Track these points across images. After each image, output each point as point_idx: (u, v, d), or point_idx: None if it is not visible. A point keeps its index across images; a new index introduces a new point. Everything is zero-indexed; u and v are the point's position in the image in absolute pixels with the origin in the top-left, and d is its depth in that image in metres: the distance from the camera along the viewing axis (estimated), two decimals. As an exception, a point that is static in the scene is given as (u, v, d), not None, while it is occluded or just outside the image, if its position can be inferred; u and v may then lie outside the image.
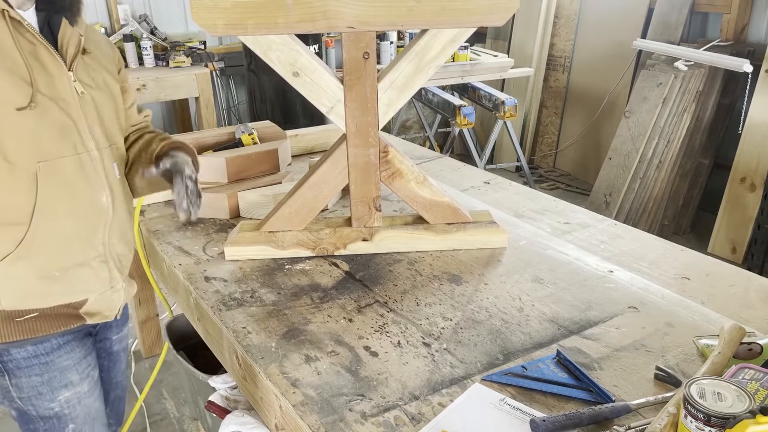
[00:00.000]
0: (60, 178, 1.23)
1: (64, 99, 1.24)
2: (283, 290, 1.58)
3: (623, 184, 4.06)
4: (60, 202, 1.24)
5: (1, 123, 1.15)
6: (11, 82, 1.15)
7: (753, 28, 3.90)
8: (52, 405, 1.36)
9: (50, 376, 1.35)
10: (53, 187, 1.22)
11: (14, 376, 1.32)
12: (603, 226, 1.97)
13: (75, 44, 1.28)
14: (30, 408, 1.36)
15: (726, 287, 1.61)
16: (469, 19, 1.57)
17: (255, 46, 1.59)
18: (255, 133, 2.39)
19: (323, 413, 1.15)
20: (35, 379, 1.34)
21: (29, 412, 1.37)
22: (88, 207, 1.30)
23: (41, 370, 1.34)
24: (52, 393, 1.36)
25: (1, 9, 1.14)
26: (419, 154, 2.69)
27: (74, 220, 1.28)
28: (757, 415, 0.89)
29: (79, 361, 1.40)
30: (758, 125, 3.61)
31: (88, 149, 1.28)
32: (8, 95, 1.15)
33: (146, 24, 4.44)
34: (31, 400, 1.35)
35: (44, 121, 1.20)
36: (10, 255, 1.21)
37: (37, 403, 1.35)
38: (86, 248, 1.31)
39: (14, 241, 1.21)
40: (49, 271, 1.27)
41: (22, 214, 1.21)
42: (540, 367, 1.25)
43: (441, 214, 1.79)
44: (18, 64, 1.16)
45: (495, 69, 4.56)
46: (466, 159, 3.75)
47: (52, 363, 1.35)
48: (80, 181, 1.27)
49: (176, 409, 2.57)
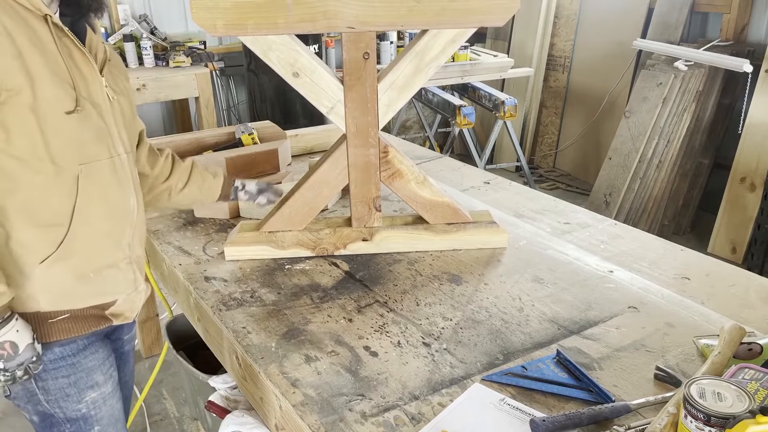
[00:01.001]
0: (97, 180, 1.27)
1: (99, 104, 1.27)
2: (283, 290, 1.58)
3: (623, 184, 4.06)
4: (96, 204, 1.28)
5: (52, 126, 1.17)
6: (60, 86, 1.18)
7: (753, 28, 3.90)
8: (80, 406, 1.36)
9: (77, 377, 1.35)
10: (91, 189, 1.26)
11: (41, 379, 1.31)
12: (603, 226, 1.97)
13: (102, 50, 1.32)
14: (57, 410, 1.35)
15: (726, 287, 1.61)
16: (469, 19, 1.57)
17: (255, 47, 1.59)
18: (255, 133, 2.39)
19: (323, 413, 1.15)
20: (62, 381, 1.33)
21: (56, 415, 1.36)
22: (120, 209, 1.34)
23: (68, 372, 1.34)
24: (79, 394, 1.36)
25: (45, 14, 1.17)
26: (419, 154, 2.69)
27: (108, 222, 1.31)
28: (757, 415, 0.89)
29: (103, 361, 1.40)
30: (758, 125, 3.61)
31: (119, 153, 1.32)
32: (58, 99, 1.18)
33: (146, 24, 4.44)
34: (58, 402, 1.34)
35: (86, 124, 1.23)
36: (51, 256, 1.24)
37: (64, 405, 1.35)
38: (116, 250, 1.34)
39: (54, 242, 1.23)
40: (84, 272, 1.29)
41: (62, 215, 1.23)
42: (540, 367, 1.25)
43: (441, 214, 1.79)
44: (62, 68, 1.19)
45: (495, 69, 4.56)
46: (466, 159, 3.75)
47: (79, 364, 1.35)
48: (114, 183, 1.31)
49: (176, 409, 2.57)
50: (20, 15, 1.14)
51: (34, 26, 1.16)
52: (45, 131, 1.17)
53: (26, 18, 1.15)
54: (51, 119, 1.17)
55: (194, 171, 1.69)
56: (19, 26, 1.13)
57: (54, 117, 1.18)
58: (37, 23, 1.16)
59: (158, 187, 1.62)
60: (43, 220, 1.22)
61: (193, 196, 1.70)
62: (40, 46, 1.16)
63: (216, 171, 1.75)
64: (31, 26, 1.15)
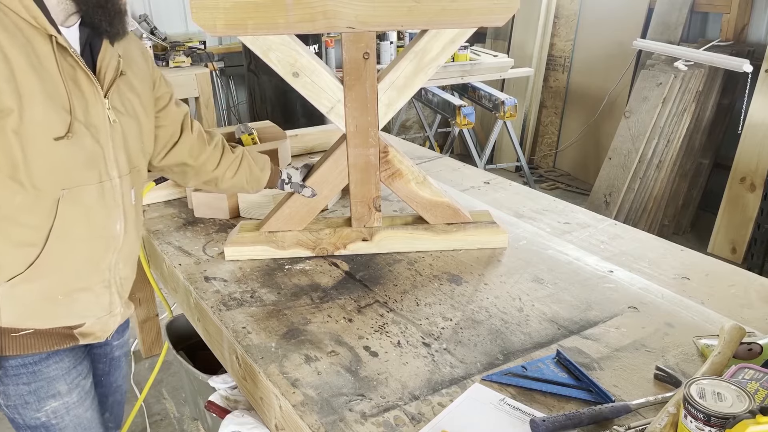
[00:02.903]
0: (80, 204, 1.23)
1: (96, 126, 1.22)
2: (283, 290, 1.58)
3: (623, 184, 4.06)
4: (76, 227, 1.24)
5: (37, 151, 1.13)
6: (52, 110, 1.14)
7: (753, 28, 3.90)
8: (38, 415, 1.34)
9: (38, 385, 1.32)
10: (72, 213, 1.22)
11: (2, 384, 1.30)
12: (603, 226, 1.97)
13: (114, 68, 1.27)
14: (17, 416, 1.34)
15: (726, 287, 1.61)
16: (469, 19, 1.57)
17: (255, 47, 1.59)
18: (255, 133, 2.39)
19: (323, 413, 1.15)
20: (22, 388, 1.31)
21: (16, 420, 1.36)
22: (102, 234, 1.29)
23: (29, 379, 1.31)
24: (39, 403, 1.34)
25: (50, 34, 1.13)
26: (419, 154, 2.69)
27: (86, 246, 1.27)
28: (757, 415, 0.89)
29: (68, 371, 1.37)
30: (758, 125, 3.61)
31: (110, 177, 1.28)
32: (48, 124, 1.14)
33: (146, 24, 4.44)
34: (17, 408, 1.33)
35: (76, 149, 1.19)
36: (19, 276, 1.20)
37: (23, 412, 1.33)
38: (92, 274, 1.31)
39: (25, 262, 1.20)
40: (53, 294, 1.26)
41: (37, 236, 1.20)
42: (540, 367, 1.25)
43: (441, 214, 1.79)
44: (59, 90, 1.15)
45: (495, 69, 4.56)
46: (466, 159, 3.75)
47: (40, 372, 1.32)
48: (99, 208, 1.27)
49: (176, 409, 2.57)
50: (24, 33, 1.11)
51: (37, 45, 1.12)
52: (28, 156, 1.13)
53: (30, 36, 1.11)
54: (37, 144, 1.13)
55: (243, 162, 1.67)
56: (19, 45, 1.10)
57: (41, 142, 1.13)
58: (41, 42, 1.13)
59: (205, 174, 1.62)
60: (16, 238, 1.19)
61: (240, 186, 1.69)
62: (39, 67, 1.12)
63: (264, 163, 1.72)
64: (34, 46, 1.11)
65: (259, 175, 1.70)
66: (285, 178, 1.74)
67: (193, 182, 1.66)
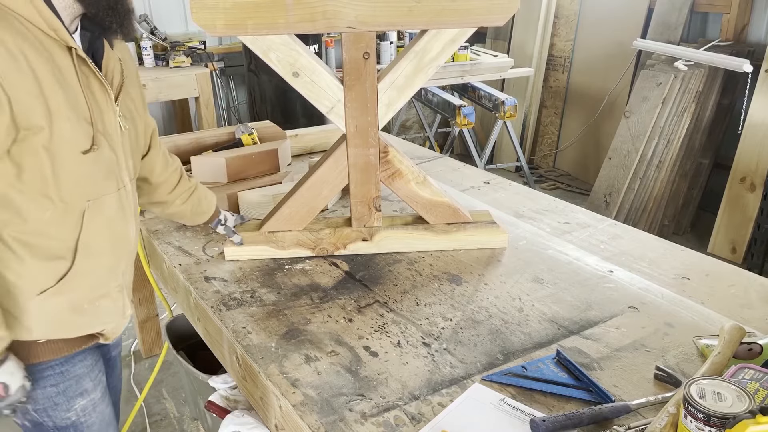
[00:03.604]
0: (102, 214, 1.25)
1: (111, 135, 1.24)
2: (283, 290, 1.58)
3: (623, 184, 4.06)
4: (100, 237, 1.26)
5: (66, 166, 1.15)
6: (78, 124, 1.15)
7: (753, 28, 3.90)
8: (69, 414, 1.35)
9: (66, 385, 1.33)
10: (96, 223, 1.24)
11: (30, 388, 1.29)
12: (603, 226, 1.97)
13: (119, 73, 1.28)
14: (46, 419, 1.34)
15: (726, 287, 1.61)
16: (469, 19, 1.57)
17: (255, 47, 1.59)
18: (255, 133, 2.39)
19: (323, 413, 1.15)
20: (50, 390, 1.32)
21: (45, 424, 1.34)
22: (121, 240, 1.33)
23: (56, 380, 1.32)
24: (68, 402, 1.34)
25: (70, 47, 1.13)
26: (419, 154, 2.69)
27: (109, 254, 1.30)
28: (757, 415, 0.89)
29: (91, 368, 1.39)
30: (758, 125, 3.61)
31: (125, 184, 1.31)
32: (75, 139, 1.15)
33: (146, 24, 4.43)
34: (47, 411, 1.32)
35: (99, 160, 1.21)
36: (50, 289, 1.22)
37: (53, 414, 1.33)
38: (111, 279, 1.33)
39: (56, 276, 1.22)
40: (80, 304, 1.28)
41: (65, 249, 1.22)
42: (540, 367, 1.25)
43: (441, 214, 1.79)
44: (82, 103, 1.15)
45: (495, 69, 4.55)
46: (466, 159, 3.75)
47: (68, 372, 1.33)
48: (118, 216, 1.30)
49: (176, 409, 2.57)
50: (44, 45, 1.10)
51: (57, 58, 1.11)
52: (57, 171, 1.14)
53: (50, 49, 1.11)
54: (65, 159, 1.14)
55: (195, 194, 1.66)
56: (44, 59, 1.09)
57: (69, 156, 1.15)
58: (61, 54, 1.12)
59: (159, 196, 1.59)
60: (46, 252, 1.20)
61: (182, 215, 1.67)
62: (62, 81, 1.12)
63: (211, 200, 1.72)
64: (55, 59, 1.11)
65: (204, 210, 1.69)
66: (222, 218, 1.75)
67: (143, 200, 1.59)
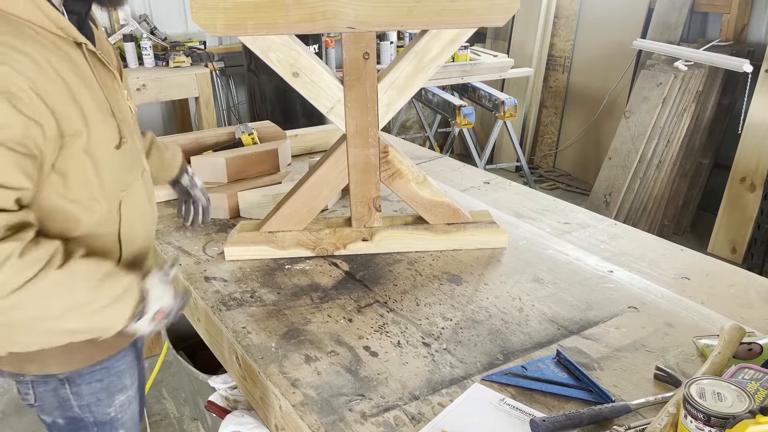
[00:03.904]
0: (135, 202, 1.26)
1: (127, 120, 1.22)
2: (283, 290, 1.58)
3: (623, 184, 4.06)
4: (136, 224, 1.27)
5: (103, 164, 1.14)
6: (106, 122, 1.14)
7: (753, 28, 3.90)
8: (109, 410, 1.34)
9: (109, 381, 1.33)
10: (130, 212, 1.24)
11: (75, 384, 1.28)
12: (603, 226, 1.97)
13: (114, 54, 1.26)
14: (87, 415, 1.33)
15: (726, 287, 1.61)
16: (469, 19, 1.57)
17: (255, 47, 1.59)
18: (255, 133, 2.39)
19: (323, 413, 1.15)
20: (95, 386, 1.31)
21: (85, 419, 1.33)
22: (150, 222, 1.34)
23: (102, 376, 1.32)
24: (109, 398, 1.34)
25: (80, 42, 1.10)
26: (419, 154, 2.69)
27: (143, 238, 1.31)
28: (757, 415, 0.89)
29: (130, 365, 1.39)
30: (758, 125, 3.61)
31: (144, 166, 1.31)
32: (107, 136, 1.14)
33: (146, 24, 4.44)
34: (89, 407, 1.31)
35: (126, 150, 1.20)
36: None
37: (95, 410, 1.33)
38: (145, 264, 1.34)
39: None
40: None
41: (111, 243, 1.22)
42: (540, 367, 1.25)
43: (441, 214, 1.79)
44: (102, 98, 1.14)
45: (495, 69, 4.56)
46: (466, 159, 3.75)
47: (112, 368, 1.33)
48: (146, 200, 1.31)
49: (176, 409, 2.57)
50: (60, 48, 1.07)
51: (73, 57, 1.09)
52: (99, 171, 1.14)
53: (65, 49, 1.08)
54: (103, 158, 1.14)
55: (153, 147, 1.58)
56: (65, 63, 1.06)
57: (105, 155, 1.14)
58: (74, 53, 1.10)
59: None
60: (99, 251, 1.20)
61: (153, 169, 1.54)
62: (85, 80, 1.10)
63: (175, 150, 1.65)
64: (72, 59, 1.08)
65: (170, 160, 1.62)
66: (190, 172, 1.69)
67: None
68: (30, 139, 1.00)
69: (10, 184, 1.00)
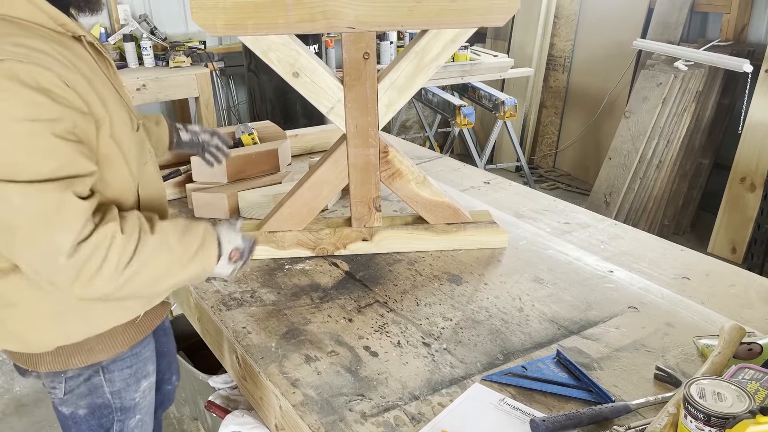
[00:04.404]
0: (149, 181, 1.30)
1: (131, 107, 1.27)
2: (283, 290, 1.58)
3: (623, 184, 4.06)
4: (152, 203, 1.31)
5: (127, 147, 1.18)
6: (119, 106, 1.17)
7: (753, 28, 3.90)
8: (135, 395, 1.39)
9: (137, 367, 1.37)
10: (147, 191, 1.29)
11: (108, 371, 1.32)
12: (603, 226, 1.97)
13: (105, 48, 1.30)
14: (116, 401, 1.36)
15: (726, 287, 1.61)
16: (469, 19, 1.57)
17: (255, 47, 1.59)
18: (255, 133, 2.39)
19: (323, 413, 1.15)
20: (126, 372, 1.35)
21: (113, 405, 1.37)
22: (163, 202, 1.38)
23: (132, 362, 1.36)
24: (137, 383, 1.39)
25: (80, 35, 1.13)
26: (419, 154, 2.69)
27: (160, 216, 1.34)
28: (757, 415, 0.89)
29: (153, 351, 1.44)
30: (758, 125, 3.61)
31: (149, 149, 1.35)
32: (124, 120, 1.18)
33: (146, 24, 4.44)
34: (120, 393, 1.36)
35: (138, 134, 1.25)
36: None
37: (124, 395, 1.37)
38: None
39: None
40: None
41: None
42: (540, 367, 1.25)
43: (441, 214, 1.79)
44: (109, 84, 1.17)
45: (495, 69, 4.56)
46: (466, 159, 3.75)
47: (140, 354, 1.38)
48: (158, 180, 1.36)
49: (176, 409, 2.57)
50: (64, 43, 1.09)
51: (77, 50, 1.12)
52: (124, 153, 1.17)
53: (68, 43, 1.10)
54: (126, 141, 1.17)
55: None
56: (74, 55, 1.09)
57: (127, 138, 1.18)
58: (76, 46, 1.13)
59: None
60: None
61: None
62: (93, 70, 1.13)
63: (158, 118, 1.65)
64: (77, 52, 1.11)
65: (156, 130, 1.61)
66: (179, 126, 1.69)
67: None
68: (78, 128, 1.05)
69: (82, 171, 1.05)
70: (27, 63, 0.98)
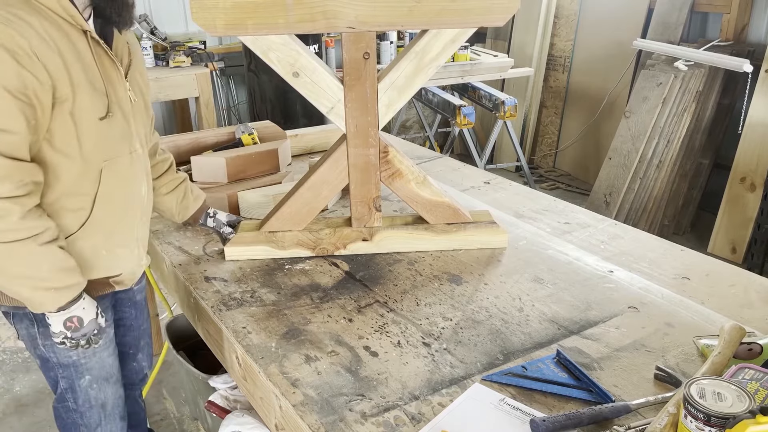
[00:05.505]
0: (117, 173, 1.42)
1: (123, 107, 1.41)
2: (283, 290, 1.58)
3: (623, 184, 4.06)
4: (115, 192, 1.43)
5: (86, 130, 1.33)
6: (96, 96, 1.33)
7: (753, 28, 3.90)
8: (71, 353, 1.48)
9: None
10: (111, 180, 1.41)
11: (41, 325, 1.43)
12: (603, 226, 1.97)
13: (127, 54, 1.47)
14: (51, 355, 1.49)
15: (726, 287, 1.61)
16: (469, 19, 1.57)
17: (255, 46, 1.59)
18: (255, 133, 2.39)
19: (323, 413, 1.15)
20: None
21: (51, 359, 1.50)
22: (133, 197, 1.50)
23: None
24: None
25: (85, 30, 1.31)
26: (419, 154, 2.69)
27: (123, 207, 1.47)
28: (757, 415, 0.89)
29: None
30: (758, 125, 3.61)
31: (135, 149, 1.47)
32: (94, 107, 1.33)
33: (146, 24, 4.44)
34: (53, 347, 1.46)
35: (113, 126, 1.39)
36: (74, 234, 1.40)
37: (57, 351, 1.47)
38: (127, 232, 1.50)
39: (78, 224, 1.40)
40: (99, 250, 1.45)
41: (86, 202, 1.39)
42: (540, 367, 1.25)
43: (441, 214, 1.79)
44: (98, 78, 1.33)
45: (495, 69, 4.55)
46: (466, 159, 3.75)
47: None
48: (130, 175, 1.47)
49: (176, 409, 2.57)
50: (63, 29, 1.27)
51: (75, 40, 1.28)
52: (80, 134, 1.32)
53: (68, 32, 1.28)
54: (86, 124, 1.32)
55: (182, 185, 1.76)
56: (65, 39, 1.26)
57: (88, 122, 1.32)
58: (77, 37, 1.29)
59: None
60: (72, 206, 1.38)
61: (168, 206, 1.75)
62: (80, 58, 1.29)
63: (199, 195, 1.81)
64: (72, 40, 1.28)
65: (190, 202, 1.77)
66: (210, 212, 1.83)
67: None
68: (30, 90, 1.20)
69: (12, 128, 1.20)
70: (7, 26, 1.18)
